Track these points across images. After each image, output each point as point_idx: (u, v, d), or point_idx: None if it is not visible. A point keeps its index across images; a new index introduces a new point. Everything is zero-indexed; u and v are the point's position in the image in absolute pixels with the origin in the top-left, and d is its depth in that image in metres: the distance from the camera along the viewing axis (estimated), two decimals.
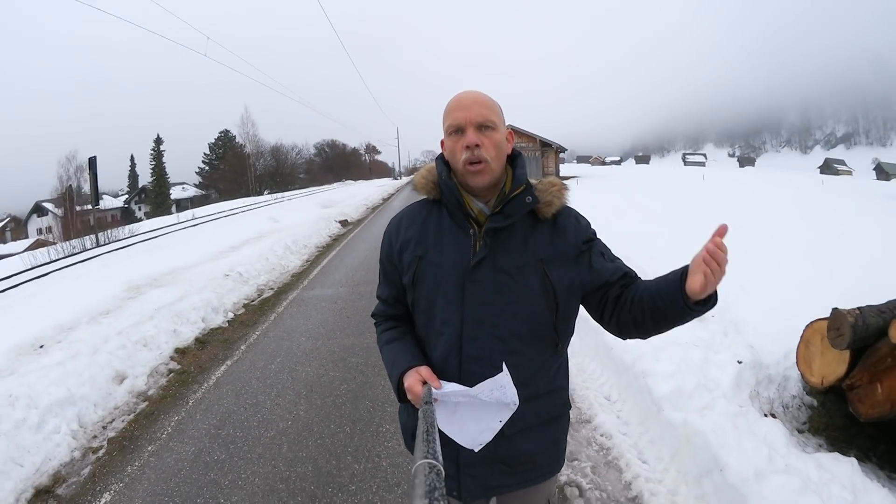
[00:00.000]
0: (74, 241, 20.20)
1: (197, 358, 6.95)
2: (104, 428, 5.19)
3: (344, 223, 22.69)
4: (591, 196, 22.89)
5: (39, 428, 4.82)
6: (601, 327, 1.93)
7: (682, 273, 1.58)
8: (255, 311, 9.11)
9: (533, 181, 1.90)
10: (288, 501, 3.87)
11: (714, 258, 1.42)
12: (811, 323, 4.15)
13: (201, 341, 7.48)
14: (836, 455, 3.52)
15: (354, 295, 9.71)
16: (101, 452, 4.78)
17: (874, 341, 3.71)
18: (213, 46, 23.81)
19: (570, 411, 2.05)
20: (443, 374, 1.76)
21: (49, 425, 4.89)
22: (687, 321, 1.63)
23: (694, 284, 1.47)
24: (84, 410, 5.26)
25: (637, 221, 14.17)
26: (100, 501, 4.03)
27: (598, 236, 1.95)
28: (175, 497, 4.01)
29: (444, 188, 1.83)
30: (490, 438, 1.64)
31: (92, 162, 21.01)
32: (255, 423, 5.10)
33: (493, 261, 1.77)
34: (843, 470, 3.35)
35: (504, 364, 1.55)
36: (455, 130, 1.76)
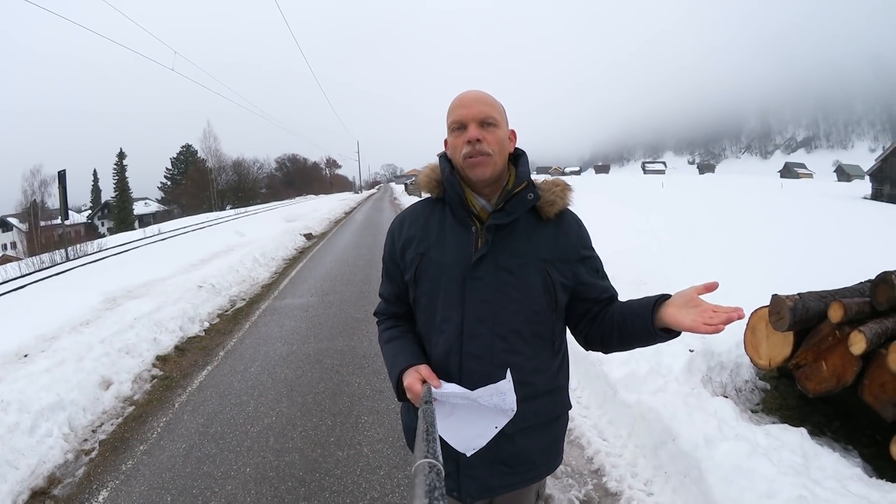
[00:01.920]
0: (44, 256, 20.27)
1: (178, 364, 7.20)
2: (94, 431, 5.41)
3: (308, 236, 22.93)
4: None
5: (32, 431, 4.99)
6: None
7: (656, 301, 1.68)
8: (229, 321, 9.37)
9: (536, 180, 1.95)
10: (279, 486, 4.19)
11: (718, 321, 1.49)
12: (756, 310, 4.59)
13: (181, 349, 7.72)
14: (786, 426, 3.90)
15: (324, 304, 10.01)
16: (93, 454, 5.00)
17: (816, 323, 4.19)
18: (179, 60, 23.73)
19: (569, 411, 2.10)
20: (443, 372, 1.79)
21: (41, 429, 5.07)
22: (650, 345, 1.76)
23: (682, 322, 1.57)
24: (74, 415, 5.47)
25: (599, 229, 14.69)
26: (97, 498, 4.25)
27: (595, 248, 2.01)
28: (171, 489, 4.28)
29: (447, 184, 1.86)
30: (483, 444, 1.65)
31: (61, 175, 20.94)
32: (241, 421, 5.40)
33: (495, 258, 1.79)
34: (793, 438, 3.70)
35: (508, 371, 1.57)
36: (458, 127, 1.80)
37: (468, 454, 1.67)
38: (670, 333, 1.65)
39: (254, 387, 6.27)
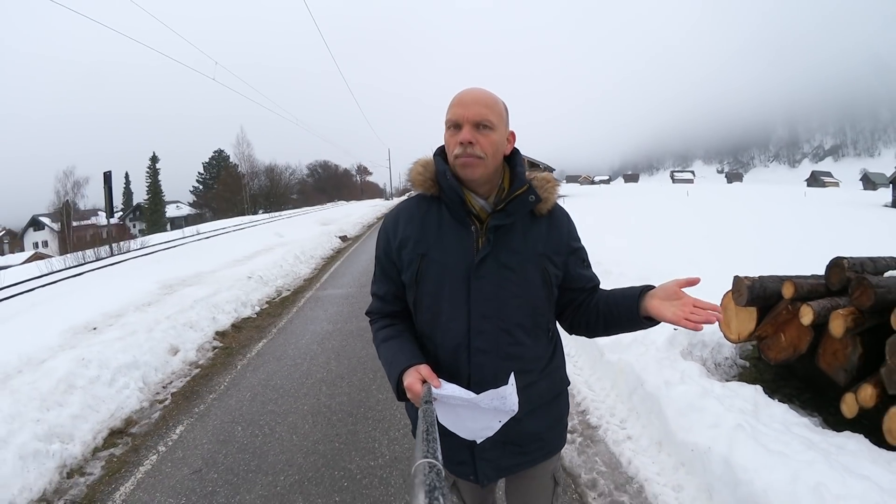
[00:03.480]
0: (88, 252, 21.22)
1: (236, 338, 8.18)
2: (165, 387, 6.32)
3: (343, 238, 24.03)
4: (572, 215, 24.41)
5: (111, 384, 5.87)
6: None
7: (642, 291, 1.79)
8: (277, 306, 10.42)
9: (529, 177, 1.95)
10: (331, 417, 5.21)
11: (699, 319, 1.60)
12: (727, 292, 5.37)
13: (237, 327, 8.71)
14: (743, 383, 4.58)
15: (363, 294, 10.94)
16: (167, 402, 5.91)
17: (775, 301, 4.91)
18: (219, 70, 24.67)
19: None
20: (452, 368, 1.82)
21: (119, 382, 5.95)
22: (634, 331, 1.87)
23: (664, 314, 1.67)
24: (147, 373, 6.38)
25: (613, 236, 15.55)
26: (174, 433, 5.13)
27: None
28: (240, 422, 5.20)
29: (445, 186, 1.84)
30: (490, 434, 1.70)
31: (107, 176, 22.15)
32: (297, 376, 6.38)
33: (497, 257, 1.81)
34: (747, 392, 4.36)
35: (512, 375, 1.62)
36: (453, 125, 1.79)
37: (478, 441, 1.76)
38: (653, 321, 1.77)
39: (305, 353, 7.24)
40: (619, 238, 14.98)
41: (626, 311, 1.81)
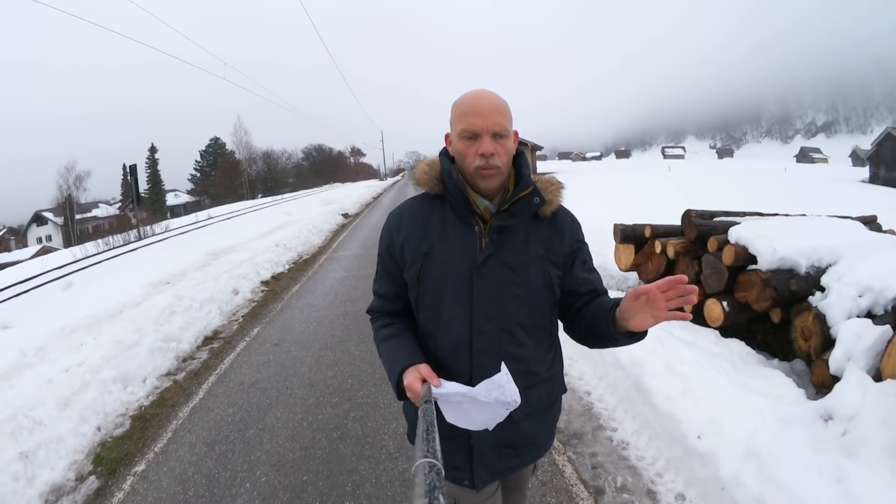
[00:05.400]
0: (118, 237, 23.73)
1: (276, 285, 10.99)
2: (235, 313, 8.97)
3: (346, 216, 26.99)
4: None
5: (199, 309, 8.57)
6: None
7: (615, 304, 1.72)
8: (302, 265, 13.38)
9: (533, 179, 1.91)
10: (355, 319, 7.90)
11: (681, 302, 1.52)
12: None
13: (275, 278, 11.55)
14: (707, 328, 5.77)
15: (369, 254, 13.63)
16: (239, 320, 8.59)
17: (644, 241, 7.51)
18: (208, 58, 26.34)
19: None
20: (454, 368, 1.81)
21: (204, 309, 8.63)
22: (619, 346, 1.80)
23: (647, 323, 1.59)
24: (221, 305, 9.05)
25: (581, 205, 18.02)
26: (252, 333, 7.82)
27: (586, 241, 2.02)
28: (296, 322, 8.12)
29: (451, 185, 1.82)
30: (501, 420, 1.66)
31: (132, 169, 24.90)
32: (327, 300, 9.40)
33: (500, 257, 1.80)
34: (709, 335, 5.58)
35: (503, 364, 1.60)
36: (470, 136, 1.75)
37: (490, 429, 1.70)
38: (633, 337, 1.70)
39: (330, 288, 10.23)
40: (583, 209, 17.43)
41: (602, 325, 1.76)
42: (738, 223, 6.18)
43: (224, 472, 4.14)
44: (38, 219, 76.85)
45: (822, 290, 5.02)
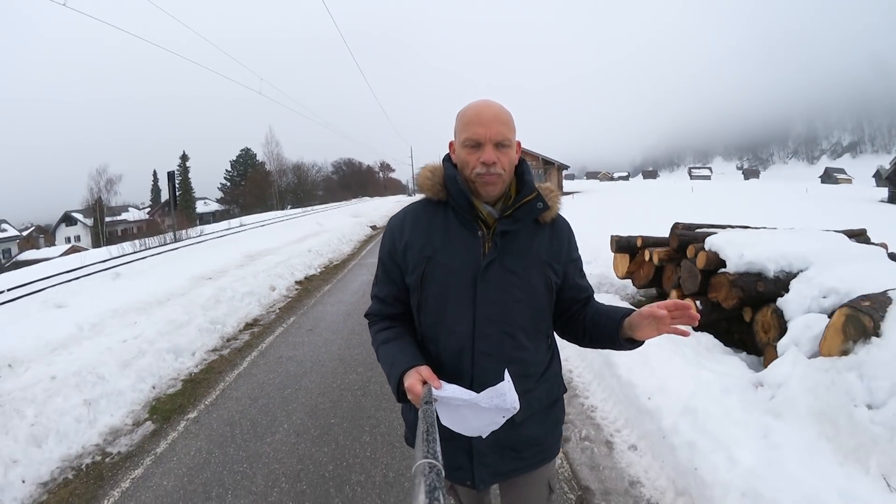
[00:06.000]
0: (154, 238, 24.72)
1: (309, 284, 12.11)
2: (272, 306, 10.00)
3: (374, 227, 28.15)
4: (576, 206, 28.30)
5: (241, 300, 9.65)
6: None
7: (624, 315, 1.81)
8: (332, 269, 14.49)
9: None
10: None
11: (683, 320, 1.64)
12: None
13: (308, 279, 12.67)
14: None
15: None
16: (276, 312, 9.63)
17: (637, 250, 8.31)
18: (237, 67, 27.29)
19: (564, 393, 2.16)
20: (455, 371, 1.83)
21: (245, 301, 9.69)
22: (616, 349, 1.90)
23: (651, 334, 1.71)
24: (260, 298, 10.10)
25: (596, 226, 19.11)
26: (288, 321, 8.84)
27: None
28: (328, 314, 9.07)
29: (454, 191, 1.85)
30: (496, 429, 1.66)
31: (170, 175, 26.14)
32: (355, 298, 10.40)
33: (503, 261, 1.83)
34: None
35: (506, 372, 1.61)
36: (473, 145, 1.78)
37: (483, 436, 1.71)
38: (635, 343, 1.82)
39: (358, 290, 11.25)
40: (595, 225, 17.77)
41: (607, 332, 1.86)
42: (716, 233, 6.88)
43: (265, 417, 5.14)
44: (68, 219, 78.18)
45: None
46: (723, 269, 6.14)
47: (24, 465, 4.21)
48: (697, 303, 6.26)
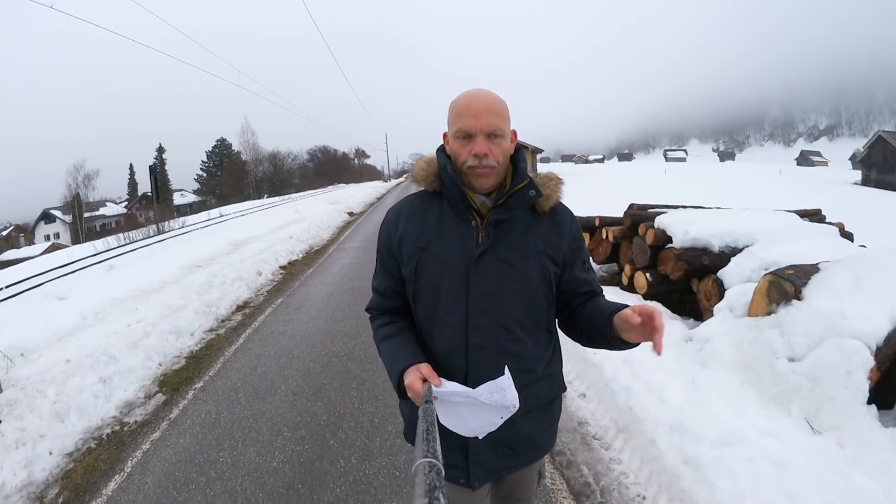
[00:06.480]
0: (138, 231, 25.10)
1: (293, 269, 12.75)
2: (259, 290, 10.62)
3: (351, 214, 28.81)
4: None
5: (231, 285, 10.24)
6: None
7: (613, 311, 1.71)
8: (314, 254, 15.13)
9: (531, 174, 1.91)
10: (358, 294, 9.53)
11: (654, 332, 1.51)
12: None
13: (291, 264, 13.29)
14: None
15: (372, 246, 14.61)
16: (265, 293, 10.28)
17: (595, 230, 9.04)
18: (215, 61, 27.76)
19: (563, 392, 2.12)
20: (449, 365, 1.81)
21: (235, 285, 10.28)
22: (613, 350, 1.78)
23: (630, 338, 1.63)
24: (248, 282, 10.71)
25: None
26: (276, 302, 9.49)
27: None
28: (314, 294, 9.71)
29: (447, 181, 1.82)
30: (493, 430, 1.65)
31: (152, 169, 26.52)
32: (336, 281, 10.93)
33: (496, 252, 1.79)
34: (632, 300, 7.49)
35: (507, 368, 1.58)
36: (464, 136, 1.76)
37: (480, 437, 1.70)
38: (628, 343, 1.70)
39: (339, 273, 11.84)
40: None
41: (599, 330, 1.77)
42: (666, 213, 7.56)
43: (264, 382, 5.84)
44: (46, 216, 77.27)
45: None
46: (670, 245, 6.79)
47: (50, 438, 4.64)
48: (647, 275, 7.00)
